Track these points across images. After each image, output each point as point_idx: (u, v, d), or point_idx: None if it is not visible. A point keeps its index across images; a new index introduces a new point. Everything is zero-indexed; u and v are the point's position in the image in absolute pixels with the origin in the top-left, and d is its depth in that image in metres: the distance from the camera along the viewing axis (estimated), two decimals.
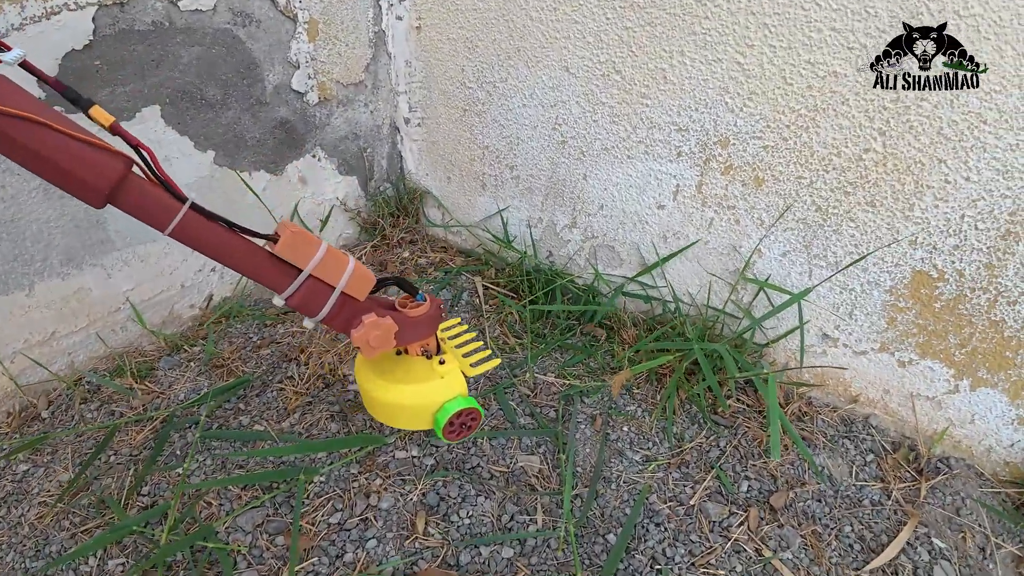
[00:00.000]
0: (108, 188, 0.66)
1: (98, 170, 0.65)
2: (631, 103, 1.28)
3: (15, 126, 0.60)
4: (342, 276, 0.80)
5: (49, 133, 0.62)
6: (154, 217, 0.70)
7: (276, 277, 0.78)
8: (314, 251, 0.77)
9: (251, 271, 0.77)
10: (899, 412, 1.24)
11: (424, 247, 1.68)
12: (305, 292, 0.79)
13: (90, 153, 0.65)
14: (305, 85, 1.52)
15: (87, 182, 0.65)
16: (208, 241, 0.74)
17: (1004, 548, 1.07)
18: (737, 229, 1.25)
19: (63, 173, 0.64)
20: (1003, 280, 1.04)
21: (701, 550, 1.00)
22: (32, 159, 0.63)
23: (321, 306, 0.81)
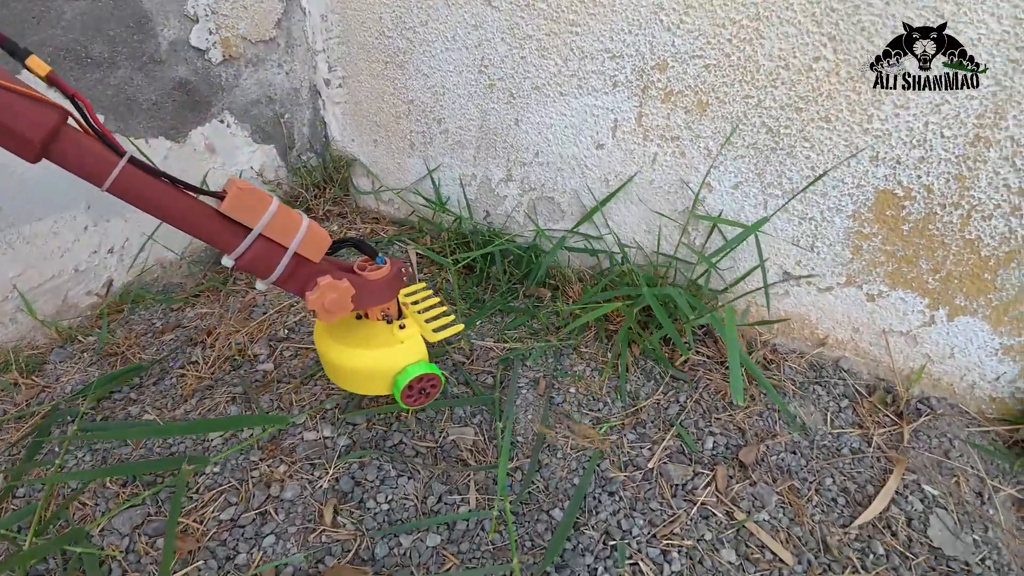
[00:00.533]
0: (41, 140, 0.62)
1: (30, 121, 0.61)
2: (560, 33, 1.14)
3: None
4: (295, 236, 0.76)
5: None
6: (90, 171, 0.66)
7: (224, 236, 0.73)
8: (264, 209, 0.72)
9: (197, 230, 0.72)
10: (871, 352, 1.12)
11: (354, 219, 1.53)
12: (255, 252, 0.74)
13: (22, 104, 0.61)
14: (206, 41, 1.36)
15: (19, 133, 0.61)
16: (149, 197, 0.69)
17: (1002, 491, 0.96)
18: (683, 162, 1.13)
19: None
20: (976, 193, 0.94)
21: (663, 518, 0.86)
22: None
23: (273, 267, 0.76)
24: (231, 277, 1.33)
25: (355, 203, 1.61)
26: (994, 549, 0.87)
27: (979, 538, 0.89)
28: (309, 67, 1.56)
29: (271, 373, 1.08)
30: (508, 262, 1.32)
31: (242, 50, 1.43)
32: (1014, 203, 0.92)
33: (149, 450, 0.97)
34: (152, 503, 0.87)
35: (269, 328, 1.18)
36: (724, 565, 0.81)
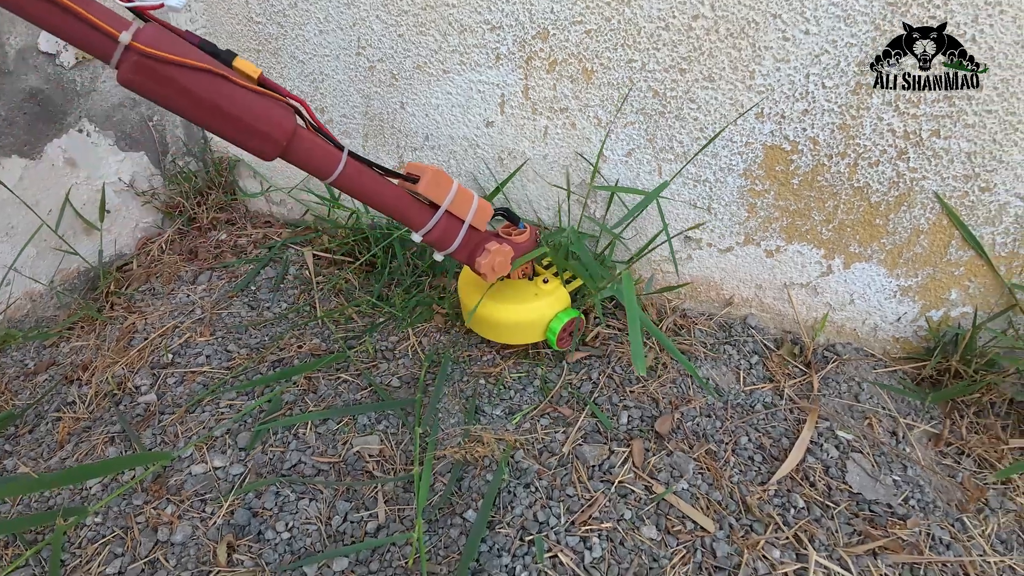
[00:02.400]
0: (287, 140, 0.66)
1: (276, 122, 0.64)
2: (435, 6, 1.08)
3: (198, 81, 0.59)
4: (470, 210, 0.85)
5: (227, 86, 0.60)
6: (320, 166, 0.71)
7: (417, 215, 0.81)
8: (449, 188, 0.81)
9: (397, 211, 0.80)
10: (776, 306, 1.13)
11: (244, 225, 1.42)
12: (442, 228, 0.83)
13: (267, 105, 0.64)
14: (56, 44, 1.22)
15: (270, 135, 0.64)
16: (365, 186, 0.76)
17: (916, 428, 0.99)
18: (575, 134, 1.09)
19: (245, 128, 0.63)
20: (861, 140, 0.94)
21: (580, 504, 0.84)
22: (213, 115, 0.61)
23: (453, 239, 0.85)
24: (107, 304, 1.21)
25: (244, 207, 1.50)
26: (916, 487, 0.89)
27: (899, 478, 0.91)
28: None
29: (154, 405, 0.98)
30: (411, 254, 1.26)
31: None
32: (900, 147, 0.92)
33: (27, 506, 0.87)
34: (35, 563, 0.78)
35: (151, 355, 1.08)
36: (646, 543, 0.80)
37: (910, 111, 0.90)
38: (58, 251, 1.24)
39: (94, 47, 0.57)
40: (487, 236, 0.90)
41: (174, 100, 0.60)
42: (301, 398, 0.99)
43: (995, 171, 0.91)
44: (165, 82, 0.58)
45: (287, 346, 1.09)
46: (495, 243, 0.90)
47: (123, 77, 0.57)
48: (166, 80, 0.58)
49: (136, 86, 0.58)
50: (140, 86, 0.58)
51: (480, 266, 0.89)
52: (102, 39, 0.56)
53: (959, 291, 1.02)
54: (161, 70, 0.57)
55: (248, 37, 1.30)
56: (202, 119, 0.62)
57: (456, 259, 0.90)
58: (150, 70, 0.57)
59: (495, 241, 0.90)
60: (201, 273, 1.28)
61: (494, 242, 0.90)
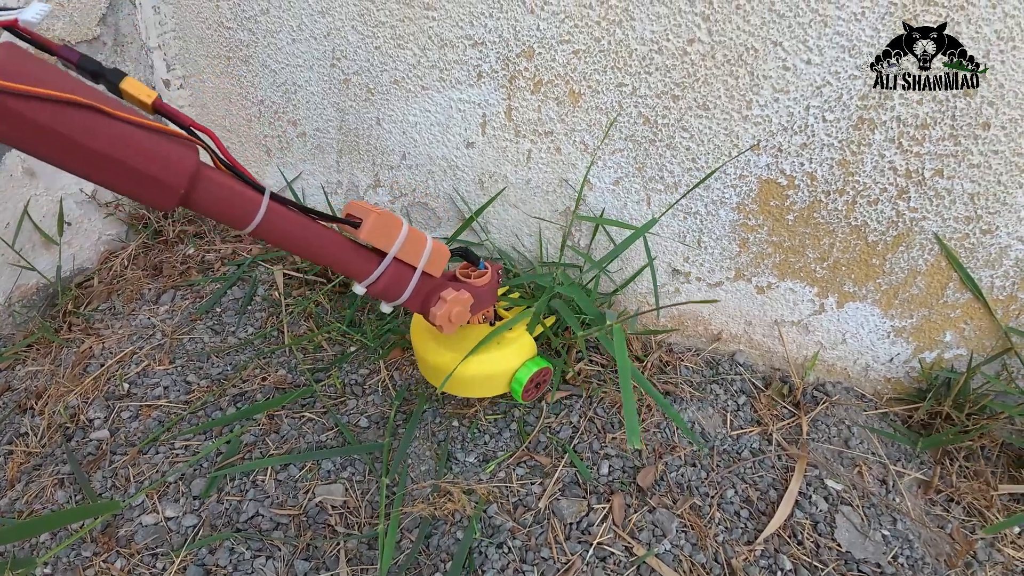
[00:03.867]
0: (184, 185, 0.53)
1: (170, 163, 0.52)
2: (415, 18, 1.01)
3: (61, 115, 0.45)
4: (423, 254, 0.74)
5: (102, 121, 0.47)
6: (233, 214, 0.59)
7: (360, 264, 0.71)
8: (397, 232, 0.71)
9: (333, 261, 0.69)
10: (765, 343, 1.09)
11: (213, 239, 1.35)
12: (389, 277, 0.73)
13: (156, 141, 0.51)
14: None
15: (160, 180, 0.52)
16: (292, 234, 0.64)
17: (907, 475, 0.95)
18: (560, 159, 1.03)
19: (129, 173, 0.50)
20: (861, 177, 0.89)
21: (555, 569, 0.79)
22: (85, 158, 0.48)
23: (404, 288, 0.75)
24: (64, 324, 1.15)
25: (214, 220, 1.44)
26: (905, 543, 0.86)
27: (888, 533, 0.87)
28: (144, 67, 1.35)
29: (106, 442, 0.93)
30: None
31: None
32: (901, 186, 0.88)
33: None
34: None
35: (107, 384, 1.02)
36: None
37: (913, 149, 0.85)
38: (15, 266, 1.17)
39: None
40: (442, 282, 0.80)
41: (29, 143, 0.46)
42: (262, 439, 0.93)
43: (998, 213, 0.87)
44: (13, 120, 0.44)
45: (251, 377, 1.03)
46: (451, 291, 0.79)
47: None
48: (14, 117, 0.44)
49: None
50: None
51: (435, 317, 0.78)
52: None
53: (954, 333, 0.99)
54: (8, 104, 0.43)
55: (218, 43, 1.23)
56: (71, 165, 0.48)
57: (409, 309, 0.80)
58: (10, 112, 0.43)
59: (451, 288, 0.80)
60: (165, 291, 1.22)
61: (450, 289, 0.79)
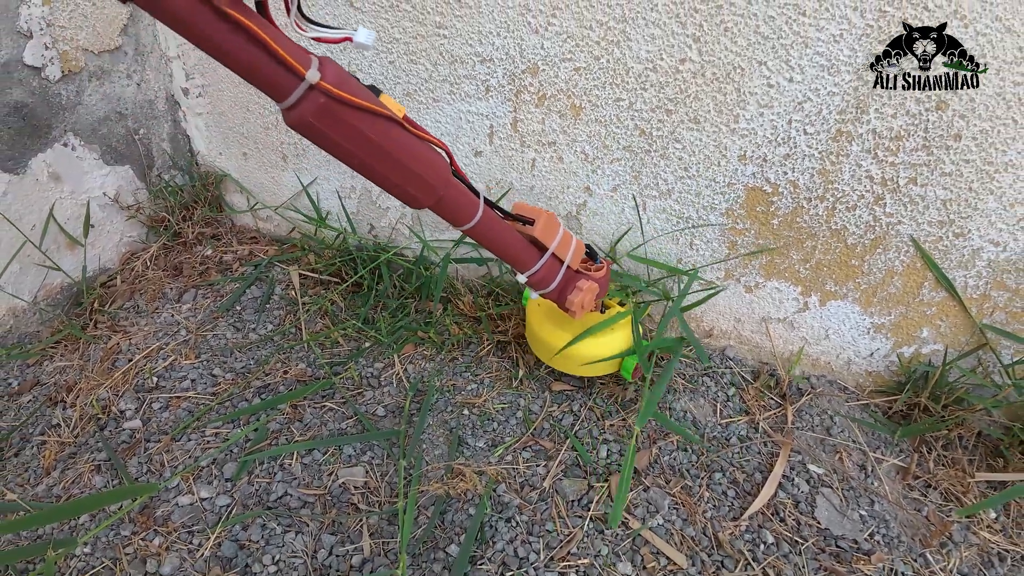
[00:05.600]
0: (444, 188, 0.63)
1: (437, 169, 0.61)
2: (427, 36, 1.08)
3: (375, 126, 0.55)
4: (570, 250, 0.86)
5: (398, 131, 0.57)
6: (462, 214, 0.69)
7: (528, 256, 0.82)
8: (557, 230, 0.83)
9: (512, 252, 0.79)
10: (754, 339, 1.17)
11: (230, 240, 1.42)
12: (547, 268, 0.84)
13: (428, 151, 0.60)
14: (42, 58, 1.20)
15: (430, 183, 0.61)
16: (495, 232, 0.74)
17: (885, 461, 1.02)
18: (562, 167, 1.11)
19: (409, 175, 0.59)
20: (839, 185, 0.97)
21: (559, 540, 0.86)
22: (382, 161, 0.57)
23: (553, 278, 0.87)
24: (90, 322, 1.21)
25: (231, 222, 1.50)
26: (882, 523, 0.92)
27: (866, 513, 0.94)
28: (164, 76, 1.42)
29: (139, 431, 0.99)
30: (397, 276, 1.27)
31: (83, 63, 1.28)
32: (877, 193, 0.95)
33: (18, 535, 0.88)
34: None
35: (136, 377, 1.08)
36: None
37: (888, 159, 0.93)
38: (42, 267, 1.23)
39: (270, 82, 0.50)
40: (577, 274, 0.91)
41: (345, 145, 0.55)
42: (287, 427, 1.00)
43: (970, 218, 0.94)
44: (343, 126, 0.53)
45: (273, 371, 1.10)
46: (585, 281, 0.90)
47: (300, 119, 0.51)
48: (344, 124, 0.53)
49: (311, 130, 0.52)
50: (316, 130, 0.52)
51: (572, 304, 0.88)
52: (284, 75, 0.49)
53: (930, 329, 1.06)
54: (342, 114, 0.52)
55: None
56: (368, 165, 0.58)
57: (546, 297, 0.91)
58: (333, 115, 0.51)
59: (584, 279, 0.91)
60: (186, 291, 1.28)
61: (584, 280, 0.90)
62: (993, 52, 0.82)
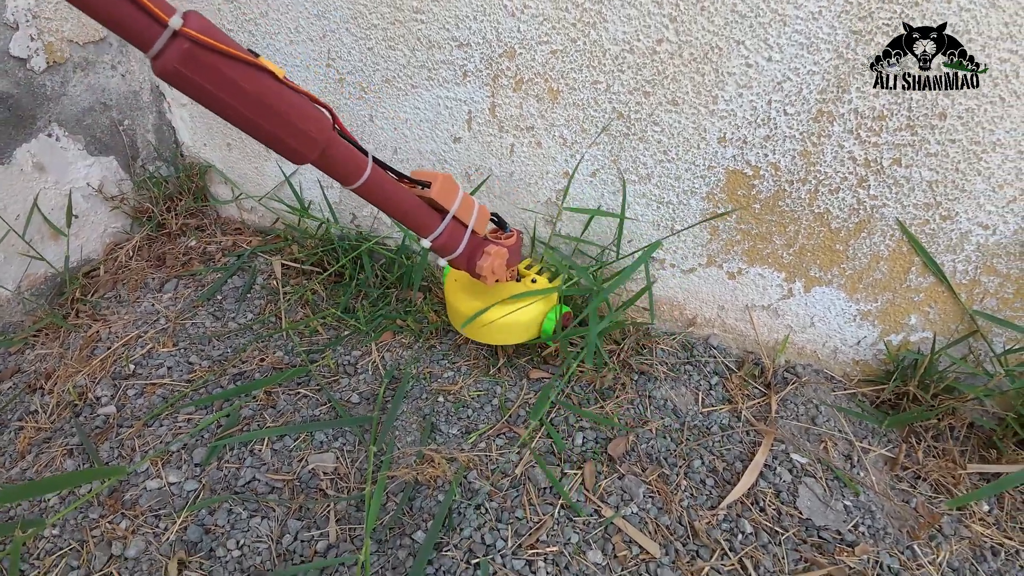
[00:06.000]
0: (326, 142, 0.64)
1: (317, 122, 0.62)
2: (404, 21, 1.07)
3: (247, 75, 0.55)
4: (472, 214, 0.86)
5: (272, 82, 0.57)
6: (347, 171, 0.69)
7: (429, 220, 0.81)
8: (456, 193, 0.82)
9: (408, 217, 0.79)
10: (738, 327, 1.14)
11: (214, 231, 1.42)
12: (449, 232, 0.83)
13: (306, 104, 0.61)
14: (27, 49, 1.21)
15: (310, 135, 0.62)
16: (387, 191, 0.74)
17: (872, 452, 1.00)
18: (540, 152, 1.09)
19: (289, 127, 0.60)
20: (822, 167, 0.95)
21: (528, 527, 0.85)
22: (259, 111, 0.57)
23: (458, 244, 0.86)
24: (72, 311, 1.21)
25: (215, 214, 1.50)
26: (867, 513, 0.90)
27: (850, 503, 0.91)
28: (148, 67, 1.42)
29: (113, 417, 0.99)
30: (379, 266, 1.26)
31: (68, 54, 1.28)
32: (860, 175, 0.93)
33: None
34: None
35: (113, 365, 1.08)
36: (590, 568, 0.81)
37: (871, 139, 0.90)
38: (25, 256, 1.23)
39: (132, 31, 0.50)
40: (484, 240, 0.92)
41: (217, 94, 0.54)
42: (259, 413, 0.99)
43: (957, 200, 0.92)
44: (211, 72, 0.53)
45: (249, 359, 1.09)
46: (492, 246, 0.91)
47: (166, 66, 0.51)
48: (213, 71, 0.52)
49: (179, 78, 0.52)
50: (183, 78, 0.52)
51: (481, 268, 0.89)
52: (147, 22, 0.49)
53: (919, 316, 1.04)
54: (210, 60, 0.52)
55: None
56: (244, 116, 0.57)
57: (455, 265, 0.91)
58: (198, 60, 0.51)
59: (492, 244, 0.92)
60: (168, 281, 1.28)
61: (492, 245, 0.91)
62: (978, 28, 0.80)
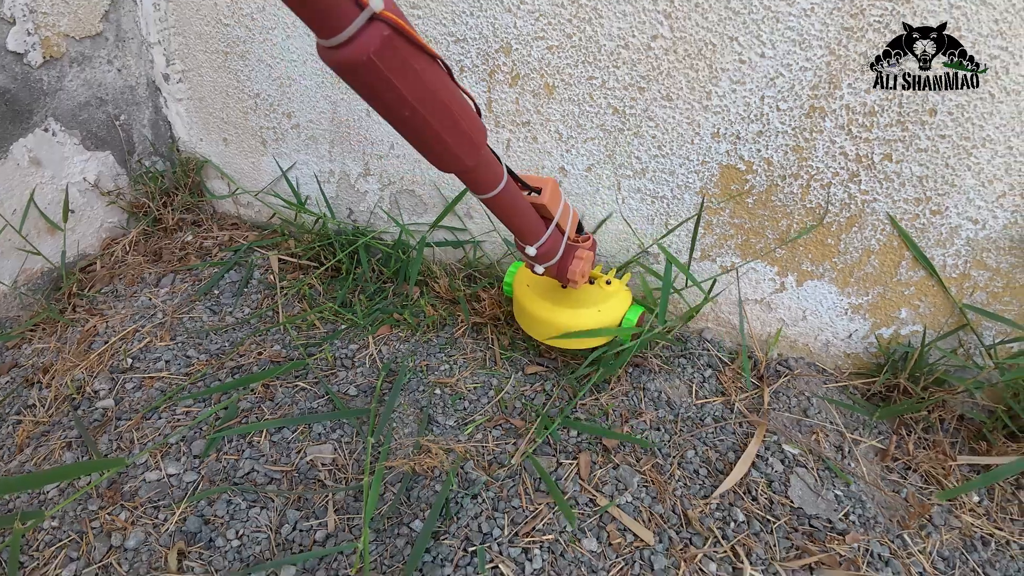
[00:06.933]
0: (484, 148, 0.61)
1: (481, 128, 0.59)
2: None
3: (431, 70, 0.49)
4: (568, 219, 0.86)
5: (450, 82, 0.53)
6: (490, 179, 0.66)
7: (536, 228, 0.79)
8: (561, 199, 0.82)
9: (525, 224, 0.77)
10: (731, 320, 1.16)
11: (210, 226, 1.42)
12: (552, 240, 0.83)
13: (473, 112, 0.58)
14: (24, 43, 1.21)
15: (475, 141, 0.58)
16: (514, 200, 0.72)
17: (863, 443, 1.01)
18: (536, 147, 1.10)
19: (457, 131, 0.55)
20: (813, 162, 0.96)
21: (524, 516, 0.86)
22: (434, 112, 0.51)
23: (557, 250, 0.86)
24: (69, 305, 1.22)
25: (212, 209, 1.50)
26: (857, 503, 0.91)
27: (841, 493, 0.93)
28: (145, 62, 1.42)
29: (111, 410, 0.99)
30: (376, 260, 1.27)
31: (65, 49, 1.28)
32: (852, 170, 0.94)
33: None
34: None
35: (111, 359, 1.08)
36: (586, 555, 0.82)
37: (862, 135, 0.92)
38: (22, 251, 1.24)
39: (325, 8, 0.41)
40: (574, 245, 0.90)
41: (401, 90, 0.47)
42: (258, 405, 1.00)
43: (947, 195, 0.93)
44: (403, 67, 0.46)
45: (247, 352, 1.10)
46: (582, 250, 0.90)
47: (357, 56, 0.43)
48: (404, 64, 0.45)
49: (370, 70, 0.44)
50: (374, 70, 0.44)
51: (574, 274, 0.88)
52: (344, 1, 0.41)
53: (909, 310, 1.05)
54: (405, 52, 0.45)
55: (217, 39, 1.30)
56: (419, 116, 0.50)
57: (548, 272, 0.89)
58: (396, 50, 0.44)
59: (580, 249, 0.90)
60: (165, 275, 1.29)
61: (581, 250, 0.90)
62: (968, 25, 0.81)
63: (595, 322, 0.97)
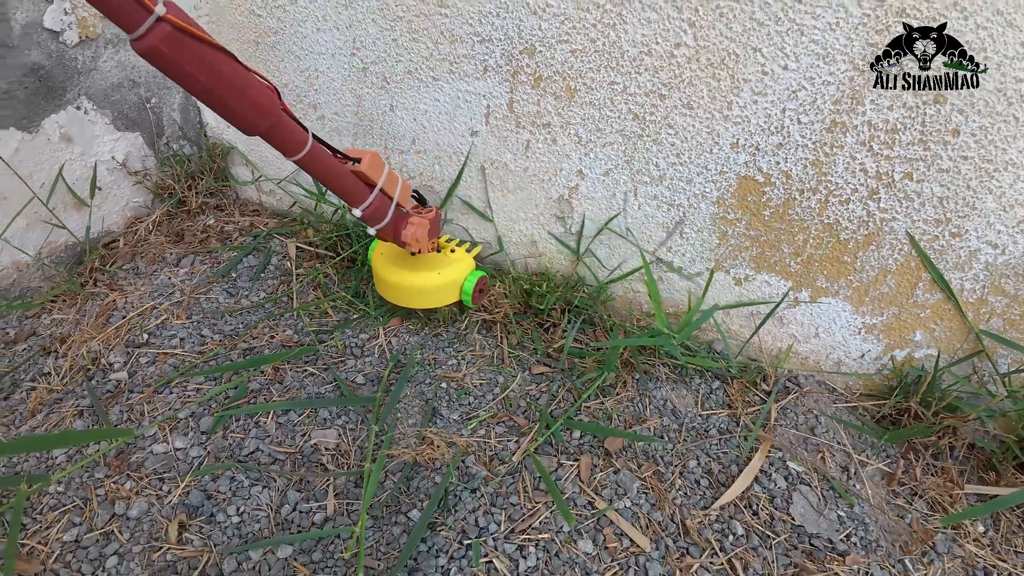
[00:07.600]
0: (276, 116, 0.73)
1: (270, 99, 0.72)
2: (429, 15, 1.10)
3: (215, 56, 0.65)
4: (397, 188, 0.96)
5: (232, 63, 0.67)
6: (292, 143, 0.78)
7: (360, 192, 0.91)
8: (383, 169, 0.93)
9: (343, 188, 0.88)
10: (742, 333, 1.15)
11: (232, 211, 1.45)
12: (376, 204, 0.93)
13: (260, 83, 0.71)
14: (61, 22, 1.25)
15: (266, 109, 0.71)
16: (324, 165, 0.83)
17: (870, 465, 1.00)
18: (555, 149, 1.11)
19: (248, 102, 0.70)
20: (833, 178, 0.96)
21: (522, 513, 0.86)
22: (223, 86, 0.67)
23: (385, 215, 0.95)
24: (90, 280, 1.24)
25: (235, 194, 1.53)
26: (860, 525, 0.90)
27: (844, 514, 0.92)
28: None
29: (124, 382, 1.01)
30: None
31: (100, 30, 1.32)
32: (871, 187, 0.94)
33: None
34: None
35: (128, 333, 1.11)
36: (581, 556, 0.82)
37: (883, 152, 0.91)
38: (48, 224, 1.27)
39: (124, 13, 0.58)
40: (408, 213, 1.02)
41: (188, 68, 0.63)
42: (267, 387, 1.01)
43: (967, 217, 0.92)
44: (186, 52, 0.62)
45: (260, 335, 1.12)
46: (415, 218, 1.02)
47: (148, 46, 0.60)
48: (187, 50, 0.62)
49: (160, 56, 0.61)
50: (163, 56, 0.61)
51: (406, 236, 1.01)
52: (136, 9, 0.58)
53: (924, 333, 1.04)
54: (185, 41, 0.62)
55: (249, 28, 1.32)
56: (208, 88, 0.66)
57: (381, 235, 1.00)
58: (177, 41, 0.61)
59: (415, 216, 1.03)
60: (185, 256, 1.31)
61: (415, 217, 1.03)
62: (994, 47, 0.81)
63: (435, 283, 1.09)
